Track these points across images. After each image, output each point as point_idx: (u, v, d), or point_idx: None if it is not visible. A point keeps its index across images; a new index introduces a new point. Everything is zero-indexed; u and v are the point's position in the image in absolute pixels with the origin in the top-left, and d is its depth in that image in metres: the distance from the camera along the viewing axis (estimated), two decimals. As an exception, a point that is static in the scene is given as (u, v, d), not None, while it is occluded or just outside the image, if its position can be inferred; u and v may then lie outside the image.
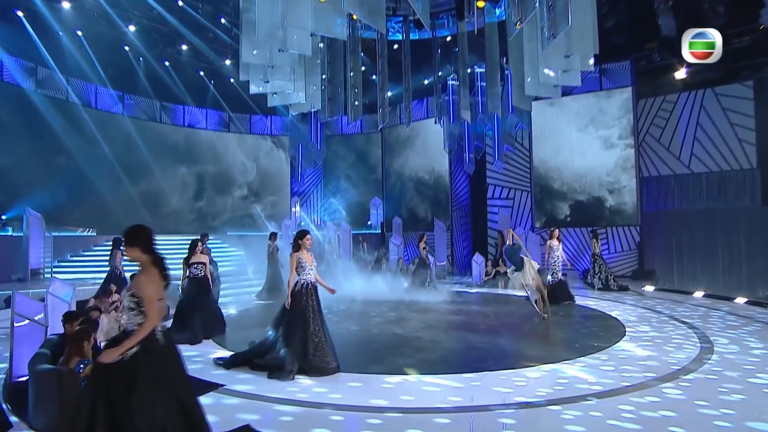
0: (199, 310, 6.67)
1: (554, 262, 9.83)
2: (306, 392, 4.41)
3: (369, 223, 19.06)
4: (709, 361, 5.25)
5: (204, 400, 3.94)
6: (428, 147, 18.07)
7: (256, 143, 18.81)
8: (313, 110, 11.80)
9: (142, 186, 15.45)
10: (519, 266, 10.86)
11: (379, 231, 18.40)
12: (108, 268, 9.22)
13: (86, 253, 12.57)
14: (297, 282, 5.07)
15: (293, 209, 19.34)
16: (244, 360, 5.18)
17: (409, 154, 18.73)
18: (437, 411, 3.95)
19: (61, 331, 6.03)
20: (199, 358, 5.68)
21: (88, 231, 13.19)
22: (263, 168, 18.83)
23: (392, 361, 5.33)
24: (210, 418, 3.06)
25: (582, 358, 5.40)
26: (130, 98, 16.30)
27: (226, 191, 17.60)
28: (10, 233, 10.81)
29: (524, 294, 11.02)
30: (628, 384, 4.52)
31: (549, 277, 9.52)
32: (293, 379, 4.70)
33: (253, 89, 8.73)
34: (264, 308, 9.53)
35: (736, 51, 11.97)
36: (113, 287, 7.67)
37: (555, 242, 9.93)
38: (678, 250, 11.96)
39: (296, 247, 5.22)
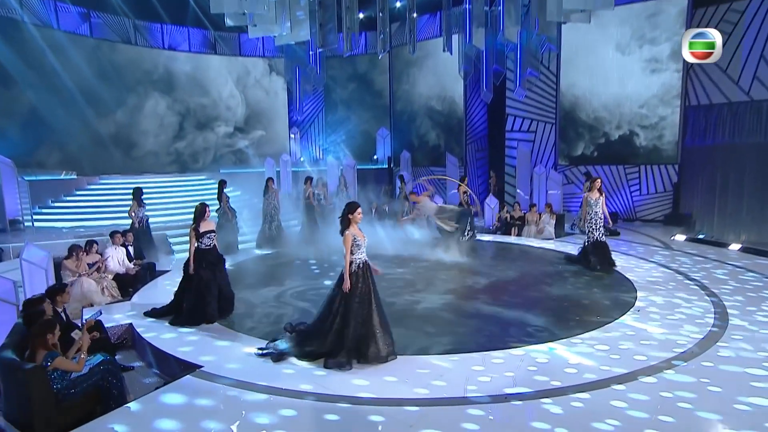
0: (214, 291, 6.17)
1: (592, 219, 8.55)
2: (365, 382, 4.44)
3: (375, 157, 18.82)
4: (720, 346, 5.29)
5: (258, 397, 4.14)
6: (440, 70, 17.16)
7: (245, 68, 18.07)
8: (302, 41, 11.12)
9: (114, 122, 14.97)
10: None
11: (386, 166, 18.21)
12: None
13: (68, 198, 12.82)
14: (352, 263, 4.92)
15: (291, 136, 19.03)
16: (293, 350, 5.04)
17: (418, 78, 17.88)
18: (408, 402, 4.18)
19: (41, 290, 6.45)
20: (224, 346, 5.33)
21: (67, 174, 13.32)
22: (253, 98, 18.23)
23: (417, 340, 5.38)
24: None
25: (576, 339, 5.47)
26: (97, 16, 15.46)
27: (208, 127, 17.15)
28: None
29: (543, 244, 11.02)
30: (610, 374, 4.59)
31: (593, 235, 8.47)
32: (351, 368, 4.72)
33: (229, 22, 8.14)
34: (268, 261, 9.81)
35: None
36: (95, 246, 7.89)
37: (595, 195, 8.51)
38: (722, 191, 11.55)
39: (346, 222, 4.95)
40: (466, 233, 10.89)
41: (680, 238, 11.72)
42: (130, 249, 8.76)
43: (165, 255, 10.31)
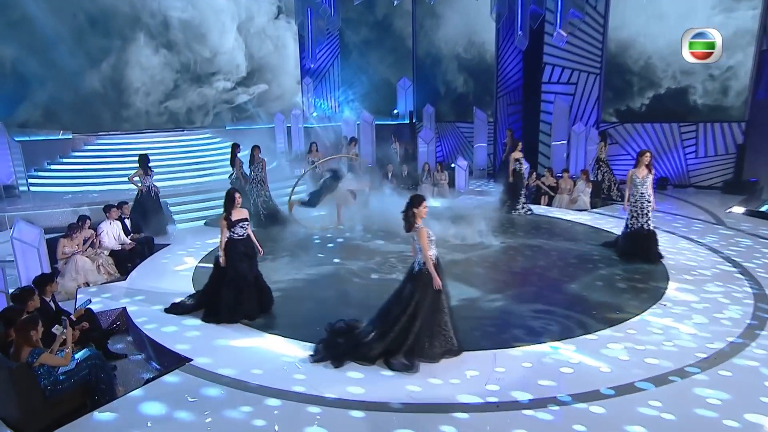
0: (249, 284, 6.14)
1: (637, 202, 7.76)
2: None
3: (395, 111, 18.56)
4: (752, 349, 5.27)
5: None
6: (470, 12, 16.46)
7: (249, 12, 17.66)
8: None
9: (99, 75, 14.68)
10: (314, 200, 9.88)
11: (407, 121, 17.98)
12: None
13: (65, 160, 13.28)
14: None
15: (304, 86, 18.82)
16: (350, 351, 5.08)
17: (444, 21, 17.21)
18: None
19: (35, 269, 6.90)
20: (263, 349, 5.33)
21: (65, 133, 13.69)
22: (256, 48, 17.84)
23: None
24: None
25: (589, 336, 5.53)
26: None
27: (206, 81, 16.96)
28: None
29: (575, 217, 10.84)
30: (612, 383, 4.65)
31: (637, 221, 7.79)
32: (418, 369, 4.85)
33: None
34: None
35: None
36: (88, 221, 8.27)
37: (642, 172, 7.65)
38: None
39: (411, 217, 4.93)
40: (521, 205, 10.85)
41: (738, 210, 11.34)
42: (127, 222, 9.15)
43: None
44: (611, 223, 10.35)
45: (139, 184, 9.94)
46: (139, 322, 6.12)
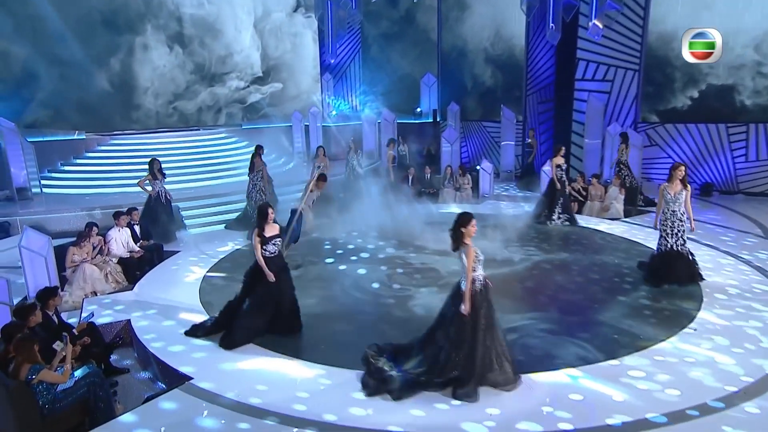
0: (279, 306, 6.15)
1: (668, 220, 7.39)
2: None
3: (418, 109, 18.57)
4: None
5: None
6: (498, 2, 16.34)
7: (266, 7, 17.91)
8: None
9: (108, 74, 15.23)
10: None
11: (431, 120, 17.97)
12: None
13: (79, 161, 13.81)
14: (475, 281, 5.04)
15: (323, 85, 19.02)
16: (419, 382, 5.07)
17: (470, 14, 17.09)
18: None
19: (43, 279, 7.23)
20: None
21: (80, 134, 14.22)
22: (272, 44, 18.10)
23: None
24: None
25: (610, 362, 5.47)
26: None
27: (218, 81, 17.30)
28: None
29: (607, 227, 10.63)
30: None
31: (667, 241, 7.44)
32: (478, 399, 4.88)
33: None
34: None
35: None
36: (95, 228, 8.58)
37: (676, 187, 7.27)
38: None
39: (459, 236, 5.03)
40: (556, 215, 10.59)
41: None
42: (136, 228, 9.46)
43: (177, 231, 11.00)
44: (647, 234, 10.10)
45: (149, 189, 10.21)
46: (142, 335, 6.34)
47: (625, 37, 14.17)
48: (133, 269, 8.69)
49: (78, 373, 4.98)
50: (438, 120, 17.96)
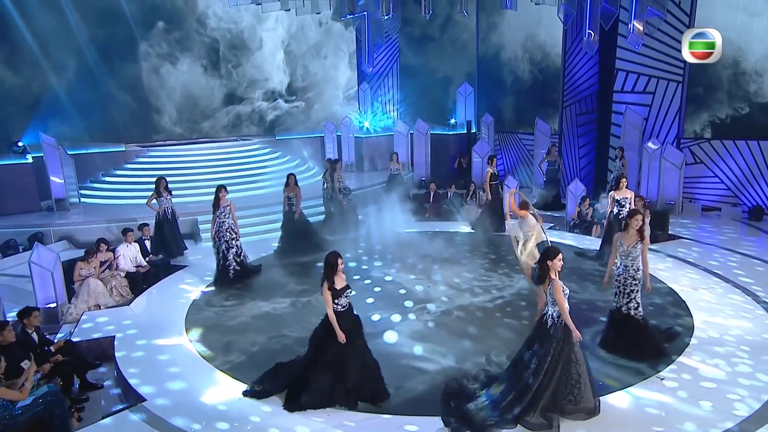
0: (355, 365, 5.72)
1: (620, 275, 6.44)
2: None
3: (453, 121, 18.51)
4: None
5: None
6: (532, 12, 16.00)
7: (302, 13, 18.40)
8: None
9: (131, 87, 16.10)
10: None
11: (465, 131, 17.85)
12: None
13: (119, 172, 15.00)
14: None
15: (360, 94, 19.41)
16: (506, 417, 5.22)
17: (509, 21, 16.83)
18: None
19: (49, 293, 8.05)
20: None
21: (125, 146, 15.45)
22: (302, 55, 18.64)
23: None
24: None
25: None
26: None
27: (246, 95, 17.94)
28: (30, 160, 13.19)
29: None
30: None
31: (616, 300, 6.56)
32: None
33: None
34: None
35: None
36: (103, 245, 9.40)
37: (631, 239, 6.36)
38: None
39: (545, 270, 5.24)
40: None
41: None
42: (147, 243, 10.26)
43: (192, 245, 11.76)
44: (668, 268, 9.52)
45: (157, 207, 10.91)
46: (118, 352, 6.96)
47: (668, 47, 13.48)
48: (140, 284, 9.45)
49: (39, 391, 5.60)
50: (474, 131, 17.83)
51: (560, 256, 5.26)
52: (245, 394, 5.93)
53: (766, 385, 5.83)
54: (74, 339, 7.26)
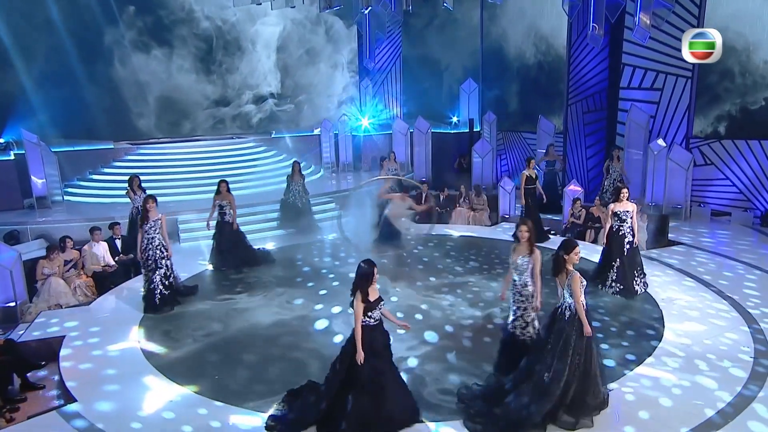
0: (393, 388, 5.36)
1: (516, 293, 5.99)
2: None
3: (455, 118, 18.20)
4: None
5: None
6: (536, 4, 15.68)
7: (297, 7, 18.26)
8: None
9: (137, 86, 16.30)
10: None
11: (467, 130, 17.54)
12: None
13: (107, 170, 15.10)
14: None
15: (362, 90, 19.30)
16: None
17: (514, 15, 16.50)
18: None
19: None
20: None
21: (106, 143, 15.52)
22: (296, 53, 18.55)
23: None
24: None
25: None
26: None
27: (237, 95, 17.99)
28: (12, 157, 13.27)
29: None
30: None
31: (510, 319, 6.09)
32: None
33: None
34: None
35: None
36: (69, 242, 9.43)
37: (523, 250, 5.95)
38: None
39: (561, 263, 5.23)
40: (610, 280, 8.37)
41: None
42: (117, 243, 10.27)
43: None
44: (664, 281, 8.91)
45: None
46: (62, 352, 6.93)
47: (676, 40, 12.95)
48: (107, 283, 9.46)
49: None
50: (476, 130, 17.50)
51: (577, 249, 5.23)
52: (267, 429, 5.35)
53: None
54: (23, 339, 7.28)
